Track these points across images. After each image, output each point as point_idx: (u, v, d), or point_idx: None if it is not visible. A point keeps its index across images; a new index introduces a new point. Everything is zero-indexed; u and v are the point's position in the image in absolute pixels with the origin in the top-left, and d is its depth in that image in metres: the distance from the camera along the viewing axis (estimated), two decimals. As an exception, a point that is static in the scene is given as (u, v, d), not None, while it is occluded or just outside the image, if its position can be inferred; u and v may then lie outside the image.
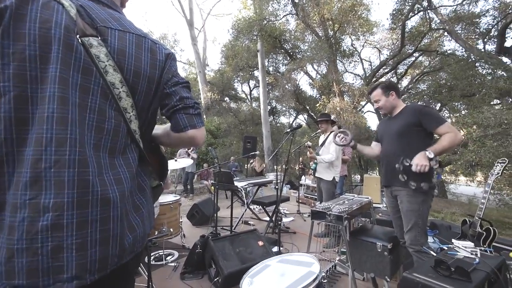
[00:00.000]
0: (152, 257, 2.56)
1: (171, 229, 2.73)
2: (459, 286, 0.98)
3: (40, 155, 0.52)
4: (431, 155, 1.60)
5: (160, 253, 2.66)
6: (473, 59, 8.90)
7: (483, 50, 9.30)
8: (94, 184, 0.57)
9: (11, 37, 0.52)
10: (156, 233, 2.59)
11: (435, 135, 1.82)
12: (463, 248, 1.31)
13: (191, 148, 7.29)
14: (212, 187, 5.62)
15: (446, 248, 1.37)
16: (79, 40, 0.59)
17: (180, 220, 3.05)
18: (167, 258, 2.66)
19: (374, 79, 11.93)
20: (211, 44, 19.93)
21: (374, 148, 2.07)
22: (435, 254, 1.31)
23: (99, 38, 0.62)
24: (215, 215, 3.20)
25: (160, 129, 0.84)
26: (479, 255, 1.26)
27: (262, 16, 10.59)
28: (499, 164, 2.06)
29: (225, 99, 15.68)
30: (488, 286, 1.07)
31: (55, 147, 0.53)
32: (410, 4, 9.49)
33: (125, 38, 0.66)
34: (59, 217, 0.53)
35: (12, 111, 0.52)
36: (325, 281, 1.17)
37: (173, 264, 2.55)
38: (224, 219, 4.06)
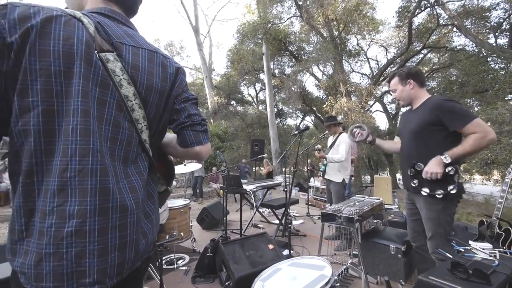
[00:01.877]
0: (163, 261, 2.59)
1: (182, 233, 2.76)
2: (478, 289, 0.95)
3: (66, 165, 0.56)
4: (447, 160, 1.40)
5: (171, 257, 2.69)
6: (485, 54, 8.64)
7: (494, 44, 9.03)
8: (114, 192, 0.60)
9: (37, 54, 0.55)
10: (167, 237, 2.62)
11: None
12: (481, 250, 1.27)
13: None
14: (221, 191, 5.63)
15: (463, 250, 1.32)
16: (97, 56, 0.62)
17: (190, 224, 3.08)
18: (178, 262, 2.68)
19: (382, 78, 11.76)
20: (216, 49, 20.17)
21: (396, 143, 1.87)
22: (451, 257, 1.27)
23: (115, 53, 0.65)
24: (224, 218, 3.21)
25: (167, 138, 0.87)
26: (498, 257, 1.21)
27: (266, 20, 10.66)
28: (516, 161, 1.99)
29: (232, 102, 15.79)
30: (509, 289, 1.03)
31: (79, 157, 0.57)
32: (416, 0, 9.34)
33: (138, 53, 0.70)
34: (82, 224, 0.56)
35: (41, 124, 0.55)
36: (337, 284, 1.15)
37: (184, 268, 2.57)
38: (234, 222, 4.07)
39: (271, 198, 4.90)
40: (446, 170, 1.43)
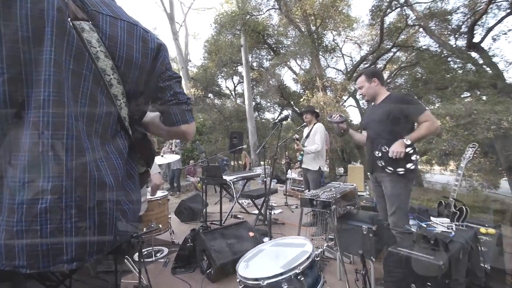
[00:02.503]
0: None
1: (160, 225, 2.69)
2: (438, 255, 1.07)
3: (37, 139, 0.52)
4: (408, 142, 1.73)
5: (149, 250, 2.62)
6: (446, 54, 9.42)
7: (454, 45, 9.86)
8: (91, 168, 0.57)
9: (2, 17, 0.50)
10: (144, 230, 2.54)
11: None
12: (440, 224, 1.42)
13: (175, 145, 7.18)
14: (199, 184, 5.54)
15: (425, 226, 1.48)
16: (71, 24, 0.57)
17: (169, 217, 3.01)
18: (156, 255, 2.62)
19: (355, 74, 12.28)
20: (193, 39, 19.51)
21: (364, 136, 2.15)
22: (415, 231, 1.41)
23: (90, 22, 0.60)
24: (204, 210, 3.19)
25: (148, 117, 0.83)
26: (454, 229, 1.37)
27: (245, 11, 10.51)
28: (470, 148, 2.23)
29: (209, 95, 15.46)
30: (463, 255, 1.17)
31: (52, 130, 0.53)
32: (388, 0, 9.82)
33: (116, 24, 0.65)
34: (58, 200, 0.53)
35: (7, 93, 0.51)
36: (317, 258, 1.22)
37: (163, 260, 2.53)
38: (213, 214, 4.05)
39: (249, 190, 4.96)
40: (407, 150, 1.72)
